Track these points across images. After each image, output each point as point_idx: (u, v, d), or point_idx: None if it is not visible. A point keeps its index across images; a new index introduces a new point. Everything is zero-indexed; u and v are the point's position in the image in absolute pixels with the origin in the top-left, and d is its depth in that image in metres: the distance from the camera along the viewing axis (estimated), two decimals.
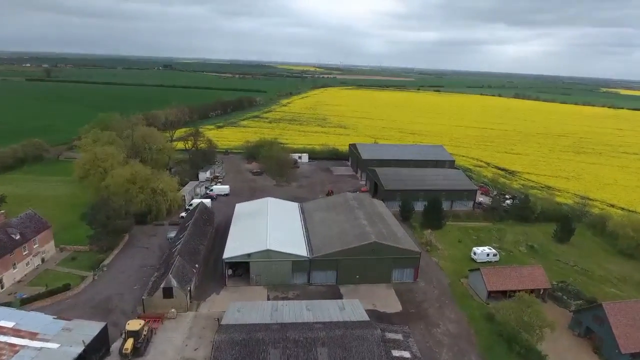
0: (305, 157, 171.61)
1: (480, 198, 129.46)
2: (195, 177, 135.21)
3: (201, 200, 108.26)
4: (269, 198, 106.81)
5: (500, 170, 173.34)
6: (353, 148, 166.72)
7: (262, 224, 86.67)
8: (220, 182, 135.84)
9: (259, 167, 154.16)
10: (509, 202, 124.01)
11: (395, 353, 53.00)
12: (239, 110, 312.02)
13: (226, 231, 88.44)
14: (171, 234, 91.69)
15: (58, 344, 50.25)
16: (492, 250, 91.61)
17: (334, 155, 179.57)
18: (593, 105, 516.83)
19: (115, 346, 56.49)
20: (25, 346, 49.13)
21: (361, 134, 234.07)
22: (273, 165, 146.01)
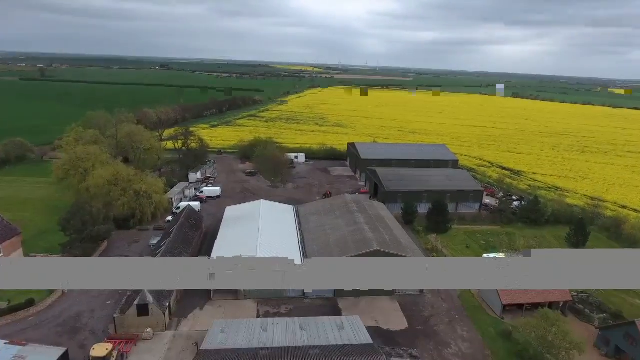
0: (301, 157, 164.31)
1: (486, 200, 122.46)
2: (185, 179, 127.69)
3: (188, 203, 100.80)
4: (262, 200, 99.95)
5: (505, 170, 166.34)
6: (352, 147, 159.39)
7: (253, 229, 79.54)
8: (211, 184, 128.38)
9: (253, 168, 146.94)
10: (517, 204, 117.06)
11: None
12: (234, 109, 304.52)
13: (215, 236, 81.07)
14: (154, 240, 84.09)
15: None
16: (504, 256, 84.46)
17: (332, 155, 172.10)
18: (592, 104, 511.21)
19: None
20: None
21: (360, 133, 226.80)
22: (268, 165, 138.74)
